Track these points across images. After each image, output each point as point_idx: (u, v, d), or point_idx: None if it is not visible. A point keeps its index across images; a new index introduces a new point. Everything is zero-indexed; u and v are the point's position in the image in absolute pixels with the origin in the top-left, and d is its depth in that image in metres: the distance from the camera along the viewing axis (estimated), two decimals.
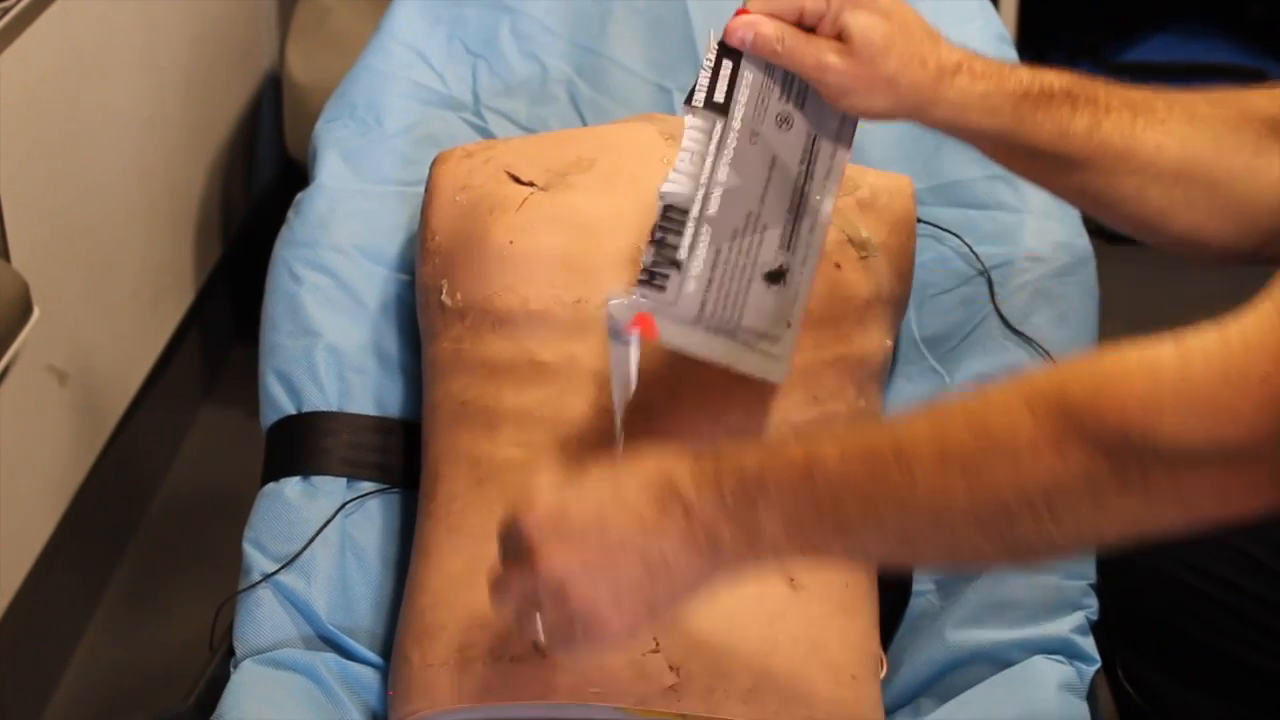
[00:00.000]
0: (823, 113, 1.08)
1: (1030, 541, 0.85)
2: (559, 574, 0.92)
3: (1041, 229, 1.38)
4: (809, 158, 1.08)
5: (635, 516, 0.91)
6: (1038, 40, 2.70)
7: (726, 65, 1.05)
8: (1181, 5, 2.90)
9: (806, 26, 1.05)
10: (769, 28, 1.04)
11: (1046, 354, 1.30)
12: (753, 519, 0.89)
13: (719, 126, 1.05)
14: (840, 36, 1.05)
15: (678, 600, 0.94)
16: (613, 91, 1.55)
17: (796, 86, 1.08)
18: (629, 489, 0.92)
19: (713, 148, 1.05)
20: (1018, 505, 0.83)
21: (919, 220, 1.36)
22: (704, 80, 1.05)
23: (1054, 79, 1.09)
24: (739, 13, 1.05)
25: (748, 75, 1.06)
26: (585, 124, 1.54)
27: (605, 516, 0.92)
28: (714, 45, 1.05)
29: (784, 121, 1.08)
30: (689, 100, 1.05)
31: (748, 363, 1.07)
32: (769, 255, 1.08)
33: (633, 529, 0.91)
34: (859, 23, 1.04)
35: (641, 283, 1.03)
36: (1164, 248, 1.15)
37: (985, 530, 0.85)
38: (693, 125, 1.05)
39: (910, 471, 0.85)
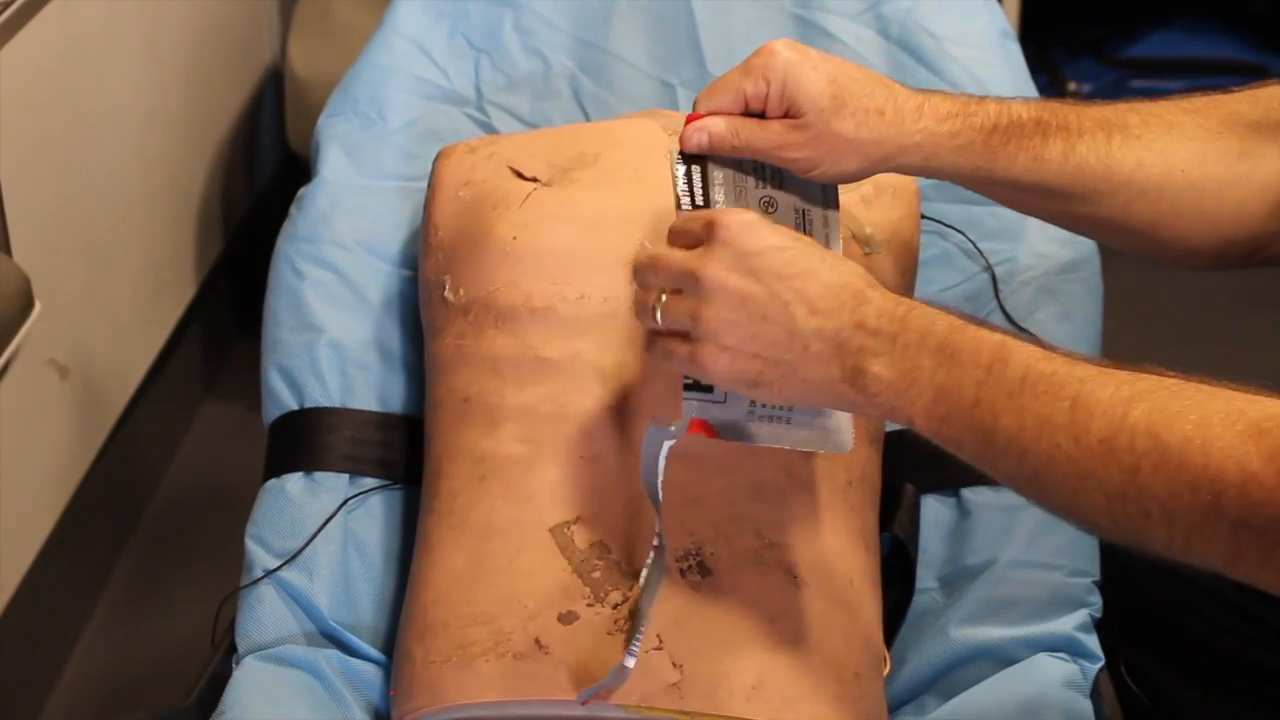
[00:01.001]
0: (802, 185, 1.09)
1: (1148, 543, 0.86)
2: (715, 284, 0.95)
3: (1045, 226, 1.37)
4: (805, 229, 1.08)
5: (810, 292, 0.94)
6: (1041, 36, 2.70)
7: (695, 171, 1.07)
8: (1184, 1, 2.90)
9: (755, 112, 1.07)
10: (720, 126, 1.06)
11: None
12: (910, 376, 0.92)
13: None
14: (790, 112, 1.06)
15: (781, 395, 0.97)
16: (616, 87, 1.55)
17: (769, 169, 1.08)
18: (824, 271, 0.95)
19: None
20: (1159, 514, 0.84)
21: (923, 217, 1.36)
22: (681, 189, 1.06)
23: (1022, 109, 1.09)
24: (688, 120, 1.07)
25: (717, 175, 1.07)
26: (588, 119, 1.54)
27: (788, 277, 0.95)
28: (675, 155, 1.07)
29: (769, 205, 1.08)
30: (678, 206, 1.06)
31: (809, 441, 1.06)
32: None
33: (803, 304, 0.94)
34: (803, 92, 1.05)
35: (687, 387, 1.04)
36: (1158, 259, 1.15)
37: (1114, 513, 0.86)
38: None
39: (1079, 431, 0.86)
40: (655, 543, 1.05)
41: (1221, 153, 1.11)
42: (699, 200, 1.06)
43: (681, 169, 1.06)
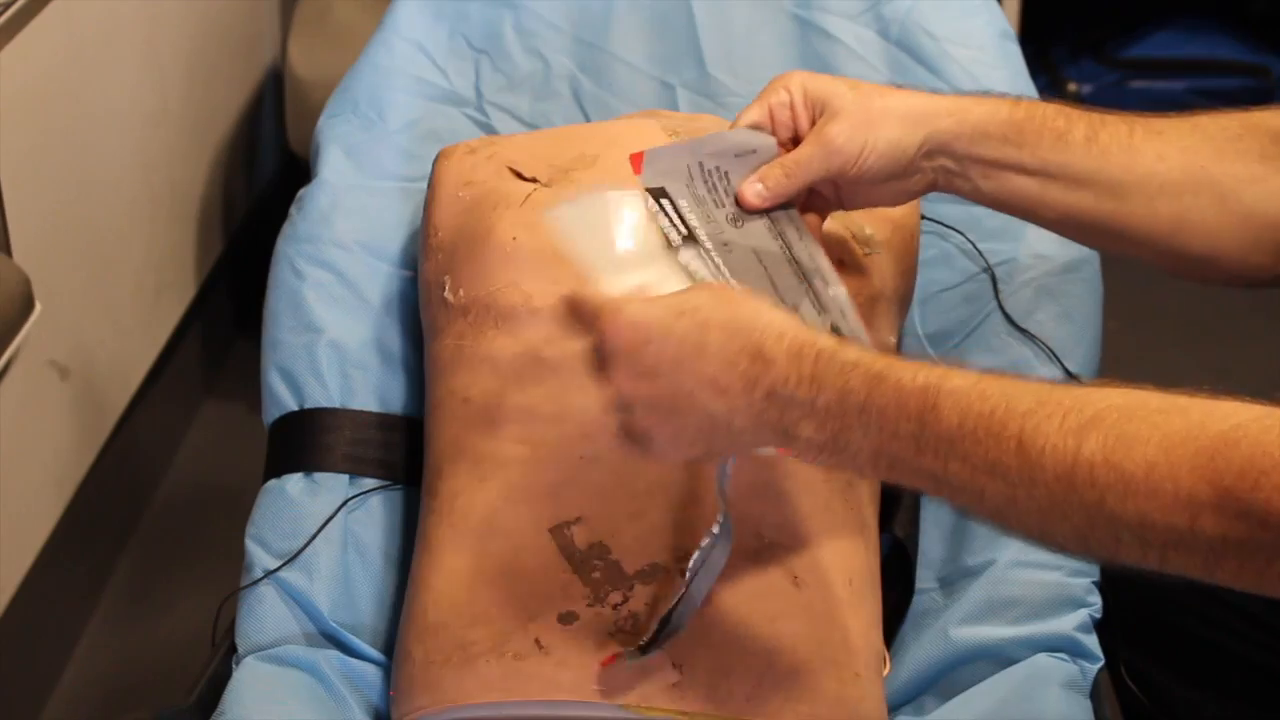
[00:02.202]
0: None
1: (1121, 560, 0.84)
2: (627, 397, 0.95)
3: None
4: (777, 232, 1.10)
5: (711, 378, 0.91)
6: (1040, 36, 2.70)
7: (665, 203, 1.09)
8: (1185, 1, 2.90)
9: (784, 125, 1.10)
10: (775, 171, 1.08)
11: (1050, 351, 1.30)
12: (842, 438, 0.89)
13: (703, 253, 1.08)
14: (817, 110, 1.09)
15: (738, 452, 0.97)
16: (616, 87, 1.55)
17: (721, 186, 1.10)
18: (716, 344, 0.92)
19: (715, 273, 1.07)
20: (1131, 538, 0.82)
21: (923, 217, 1.36)
22: (664, 225, 1.08)
23: (1044, 103, 1.10)
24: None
25: (682, 202, 1.09)
26: (588, 120, 1.54)
27: (682, 364, 0.92)
28: (644, 193, 1.08)
29: (736, 220, 1.09)
30: (670, 246, 1.07)
31: None
32: (815, 324, 1.08)
33: (707, 388, 0.92)
34: (824, 86, 1.08)
35: None
36: (1186, 275, 1.13)
37: (1085, 540, 0.84)
38: (688, 264, 1.07)
39: (1033, 470, 0.82)
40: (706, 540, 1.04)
41: (1241, 152, 1.09)
42: (682, 230, 1.08)
43: (652, 205, 1.08)
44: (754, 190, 1.08)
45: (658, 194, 1.09)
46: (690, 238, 1.08)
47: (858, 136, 1.07)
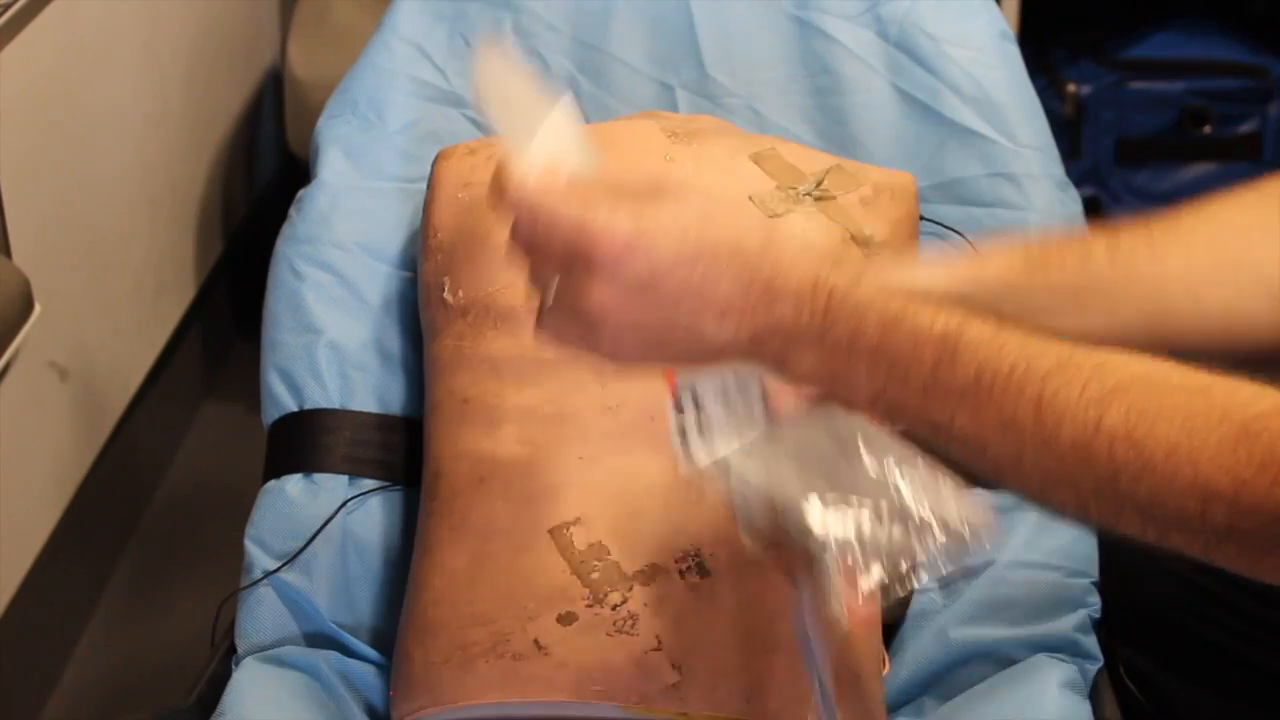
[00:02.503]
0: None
1: (1117, 530, 0.82)
2: (602, 313, 0.86)
3: (1044, 226, 1.38)
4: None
5: (716, 302, 0.86)
6: (1040, 37, 2.70)
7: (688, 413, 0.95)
8: (1184, 2, 2.90)
9: None
10: None
11: None
12: (843, 375, 0.85)
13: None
14: None
15: (710, 365, 0.90)
16: (615, 88, 1.55)
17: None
18: (726, 267, 0.85)
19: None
20: (1135, 514, 0.80)
21: (922, 218, 1.36)
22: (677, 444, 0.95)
23: (1059, 242, 1.03)
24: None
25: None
26: (587, 121, 1.53)
27: (689, 289, 0.86)
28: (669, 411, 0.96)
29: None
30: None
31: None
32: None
33: (709, 314, 0.86)
34: None
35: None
36: (1259, 356, 1.03)
37: (1086, 508, 0.82)
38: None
39: (1048, 436, 0.80)
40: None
41: (1264, 227, 1.02)
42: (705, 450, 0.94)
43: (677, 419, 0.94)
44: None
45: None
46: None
47: None
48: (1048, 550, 1.19)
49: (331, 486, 1.24)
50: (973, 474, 0.89)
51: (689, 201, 0.88)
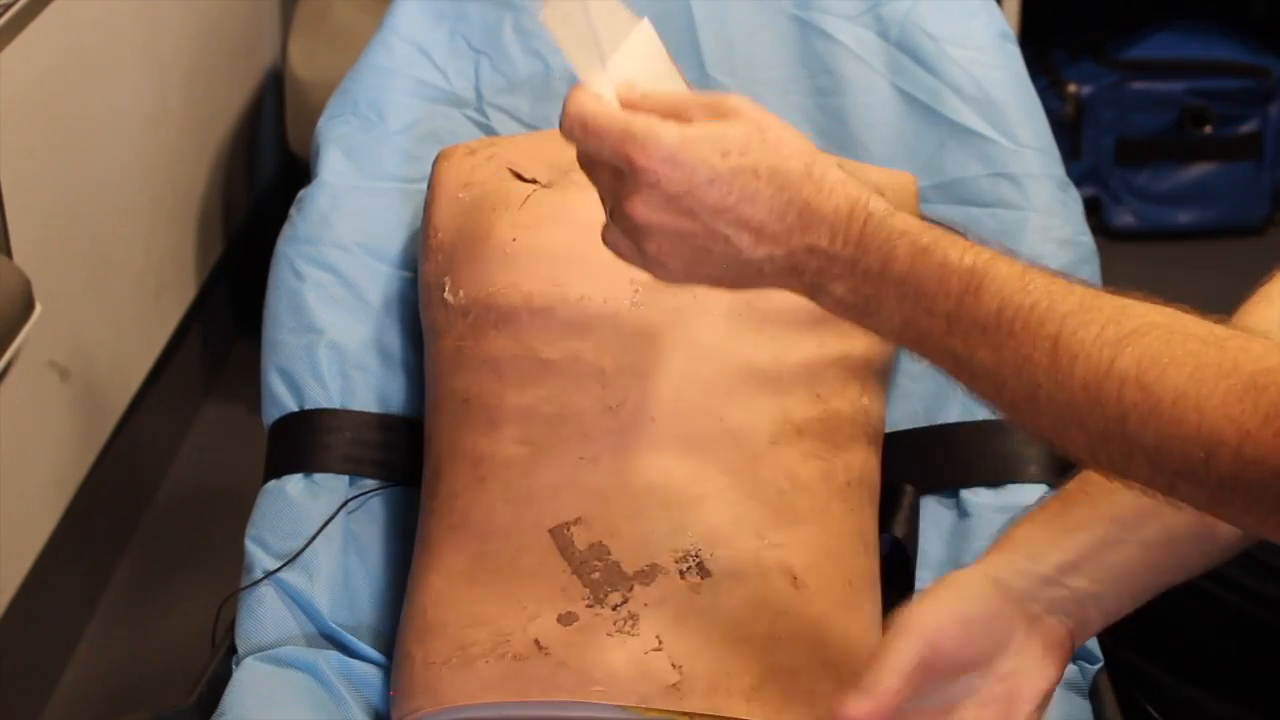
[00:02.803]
0: None
1: (1128, 479, 0.82)
2: (645, 223, 0.89)
3: (1045, 226, 1.37)
4: None
5: (754, 220, 0.88)
6: (1040, 37, 2.70)
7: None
8: (1184, 2, 2.90)
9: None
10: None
11: None
12: (874, 302, 0.87)
13: None
14: None
15: (747, 289, 0.92)
16: None
17: None
18: (763, 195, 0.88)
19: None
20: (1143, 459, 0.80)
21: (922, 218, 1.36)
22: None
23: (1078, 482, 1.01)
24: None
25: None
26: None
27: (723, 211, 0.88)
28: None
29: None
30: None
31: None
32: None
33: (746, 234, 0.88)
34: None
35: None
36: None
37: (1096, 452, 0.82)
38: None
39: (1061, 374, 0.81)
40: None
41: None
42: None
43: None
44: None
45: None
46: None
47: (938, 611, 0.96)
48: None
49: (332, 486, 1.24)
50: None
51: (739, 121, 0.90)
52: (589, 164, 0.93)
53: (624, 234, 0.92)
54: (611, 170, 0.91)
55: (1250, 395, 0.77)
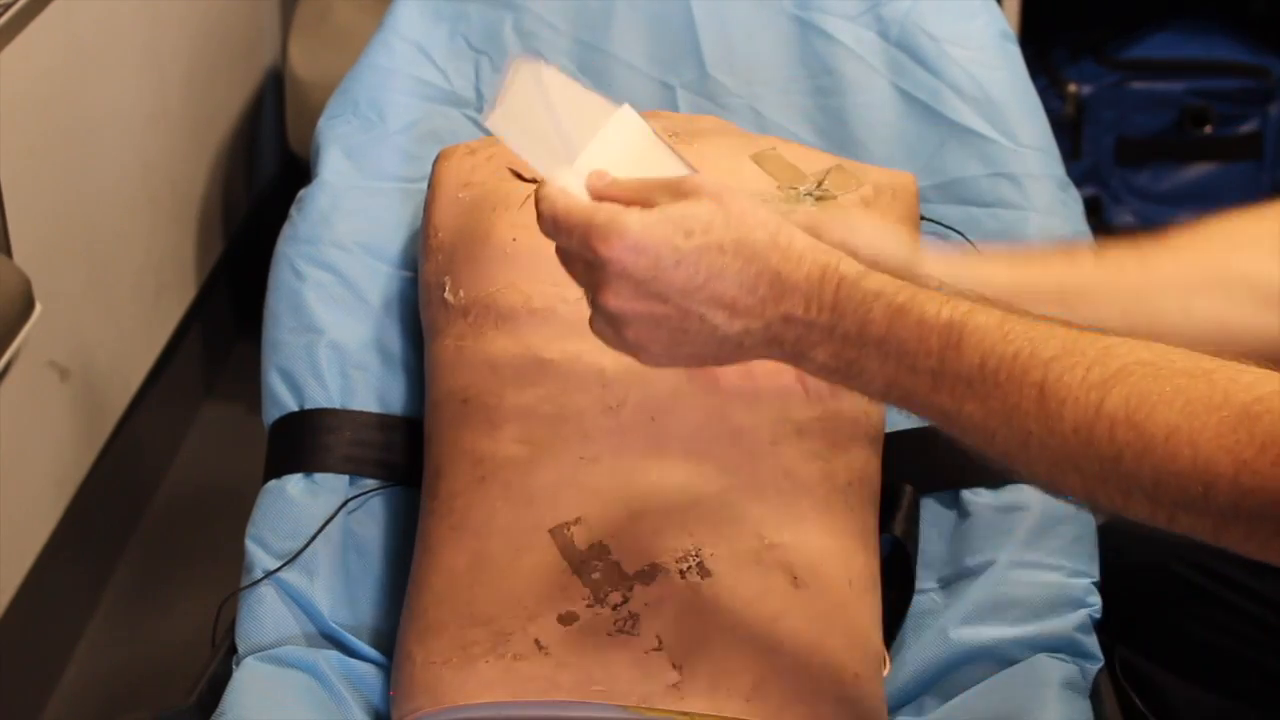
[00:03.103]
0: None
1: (1128, 515, 0.82)
2: (620, 312, 0.90)
3: (1045, 226, 1.38)
4: None
5: (725, 295, 0.88)
6: (1041, 37, 2.70)
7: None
8: (1184, 2, 2.90)
9: None
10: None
11: None
12: (856, 366, 0.87)
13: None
14: None
15: (736, 363, 0.93)
16: (615, 88, 1.55)
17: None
18: (731, 270, 0.88)
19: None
20: (1142, 496, 0.80)
21: (922, 218, 1.36)
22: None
23: (1043, 248, 1.06)
24: None
25: None
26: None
27: (693, 291, 0.88)
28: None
29: None
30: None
31: None
32: None
33: (719, 311, 0.89)
34: None
35: None
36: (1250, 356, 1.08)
37: (1094, 493, 0.82)
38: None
39: (1051, 420, 0.81)
40: None
41: (1257, 238, 1.04)
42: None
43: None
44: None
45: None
46: None
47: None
48: (1048, 550, 1.19)
49: (332, 486, 1.24)
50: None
51: (700, 199, 0.90)
52: (565, 259, 0.94)
53: (605, 325, 0.92)
54: (584, 263, 0.91)
55: (1244, 425, 0.77)
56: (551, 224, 0.91)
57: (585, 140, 0.95)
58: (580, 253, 0.91)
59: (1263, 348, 1.02)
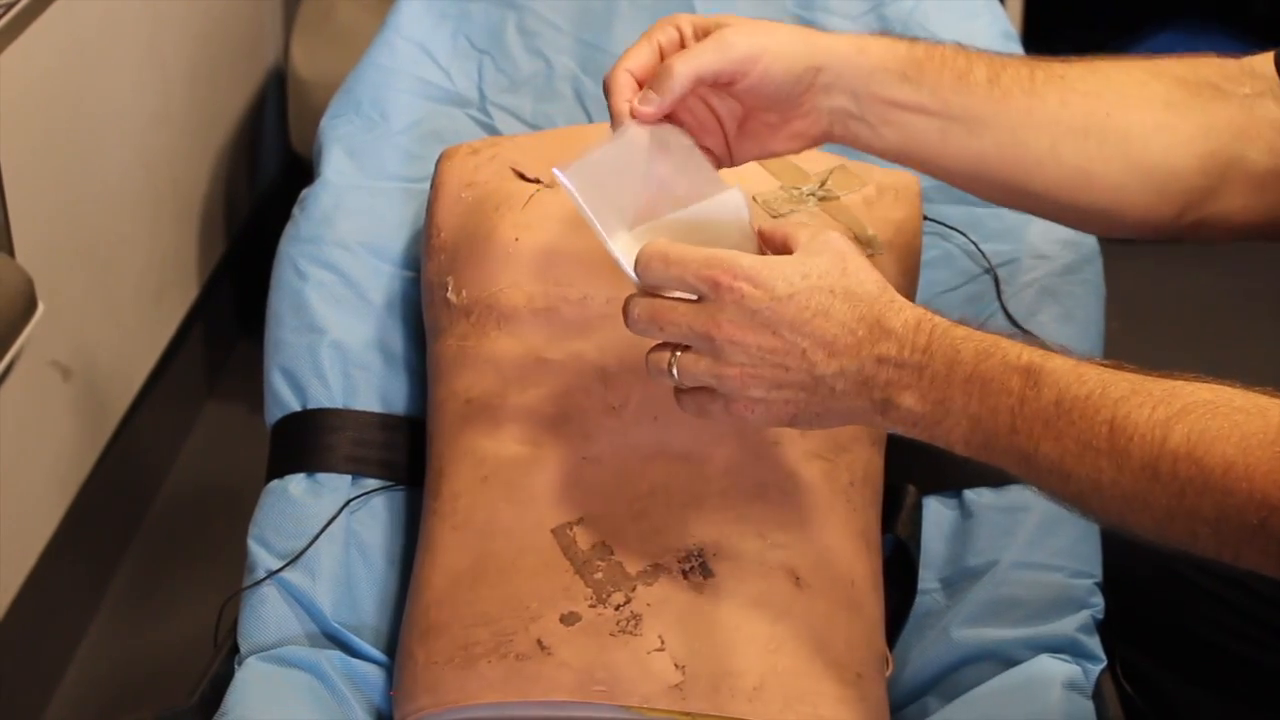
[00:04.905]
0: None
1: (1199, 553, 0.86)
2: (732, 344, 0.94)
3: (1048, 227, 1.38)
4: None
5: (826, 334, 0.93)
6: (1043, 38, 2.70)
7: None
8: (1186, 2, 2.90)
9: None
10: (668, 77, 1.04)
11: None
12: (941, 408, 0.91)
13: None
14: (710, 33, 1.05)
15: (822, 424, 0.97)
16: None
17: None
18: (837, 310, 0.93)
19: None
20: (1208, 532, 0.84)
21: (925, 218, 1.36)
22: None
23: (943, 45, 1.08)
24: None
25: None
26: (591, 120, 1.54)
27: (801, 325, 0.93)
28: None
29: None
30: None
31: None
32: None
33: (820, 348, 0.93)
34: (714, 17, 1.05)
35: None
36: (1090, 229, 1.13)
37: (1164, 531, 0.85)
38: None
39: (1120, 457, 0.85)
40: None
41: (1147, 99, 1.08)
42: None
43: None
44: (646, 98, 1.04)
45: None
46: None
47: (756, 39, 1.04)
48: (1051, 551, 1.19)
49: (334, 486, 1.24)
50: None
51: (825, 253, 0.95)
52: (652, 319, 0.97)
53: (702, 368, 0.96)
54: (688, 308, 0.95)
55: None
56: (662, 259, 0.96)
57: (682, 205, 1.01)
58: (694, 283, 0.94)
59: (1115, 208, 1.08)
